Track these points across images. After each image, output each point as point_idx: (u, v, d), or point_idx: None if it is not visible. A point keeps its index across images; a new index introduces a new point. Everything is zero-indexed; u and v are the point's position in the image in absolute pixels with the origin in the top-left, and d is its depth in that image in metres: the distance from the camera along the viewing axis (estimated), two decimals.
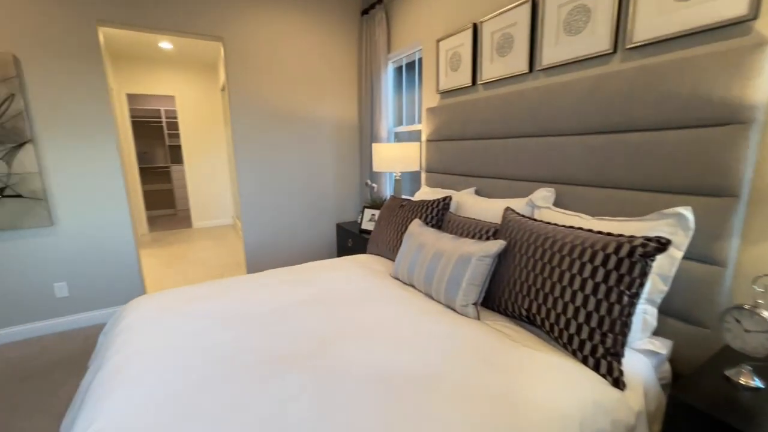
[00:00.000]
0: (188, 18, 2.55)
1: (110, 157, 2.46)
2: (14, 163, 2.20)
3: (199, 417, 0.84)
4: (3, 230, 2.21)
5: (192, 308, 1.43)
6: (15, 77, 2.14)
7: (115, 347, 1.22)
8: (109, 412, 0.88)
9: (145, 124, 6.63)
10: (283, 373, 0.98)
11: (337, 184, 3.35)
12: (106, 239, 2.51)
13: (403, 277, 1.68)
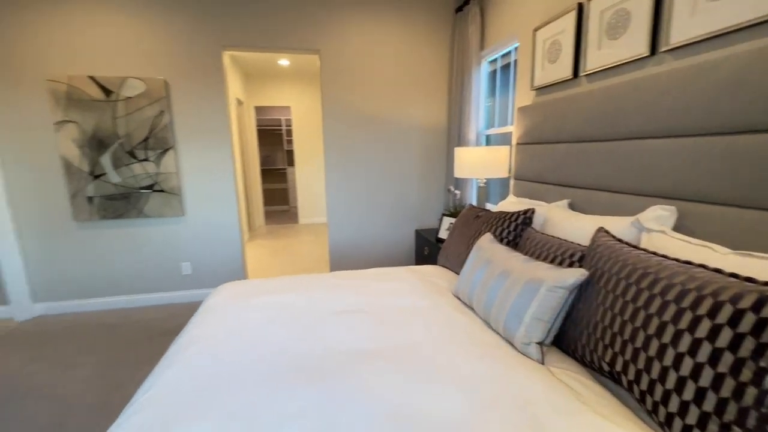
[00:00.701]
0: (290, 36, 2.82)
1: (225, 162, 2.89)
2: (161, 165, 2.78)
3: (215, 396, 0.88)
4: (151, 217, 2.82)
5: (255, 301, 1.55)
6: (165, 98, 2.70)
7: (192, 324, 1.41)
8: (161, 383, 1.00)
9: (269, 132, 7.72)
10: (296, 386, 0.96)
11: (420, 189, 3.27)
12: (219, 230, 2.97)
13: (464, 296, 1.50)
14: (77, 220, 2.70)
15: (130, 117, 2.66)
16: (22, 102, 2.52)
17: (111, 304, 2.88)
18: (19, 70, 2.48)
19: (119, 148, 2.68)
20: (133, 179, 2.74)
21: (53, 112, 2.55)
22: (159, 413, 0.88)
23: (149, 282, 2.92)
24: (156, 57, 2.66)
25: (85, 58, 2.56)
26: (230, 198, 2.95)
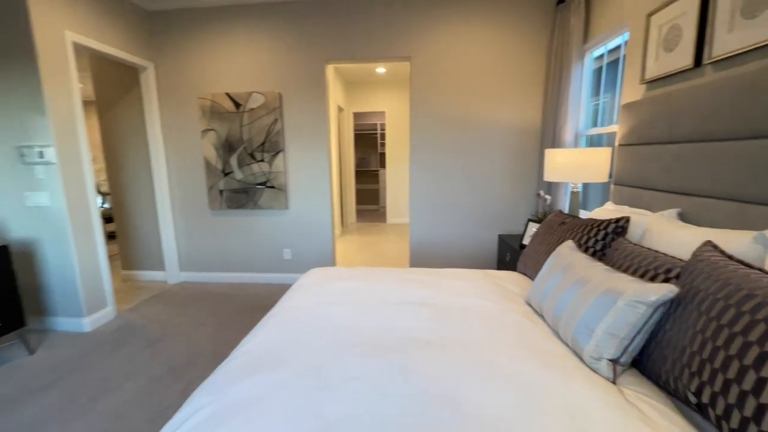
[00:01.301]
0: (383, 47, 3.03)
1: (323, 164, 3.26)
2: (273, 165, 3.28)
3: (291, 354, 1.06)
4: (263, 209, 3.35)
5: (334, 284, 1.75)
6: (278, 108, 3.18)
7: (283, 299, 1.67)
8: (255, 341, 1.25)
9: (365, 136, 8.25)
10: (355, 356, 1.08)
11: (506, 193, 3.14)
12: (314, 223, 3.36)
13: (535, 303, 1.44)
14: (211, 208, 3.38)
15: (252, 125, 3.21)
16: (182, 115, 3.27)
17: (231, 278, 3.52)
18: (182, 91, 3.23)
19: (243, 151, 3.26)
20: (251, 177, 3.30)
21: (200, 122, 3.25)
22: (250, 363, 1.11)
23: (259, 263, 3.48)
24: (273, 74, 3.15)
25: (223, 79, 3.19)
26: (325, 196, 3.31)
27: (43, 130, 2.30)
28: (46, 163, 2.35)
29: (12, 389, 1.89)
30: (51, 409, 1.74)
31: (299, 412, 0.86)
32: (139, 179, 3.41)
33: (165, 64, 3.20)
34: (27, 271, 2.50)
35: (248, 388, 0.97)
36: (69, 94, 2.43)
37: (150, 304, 2.99)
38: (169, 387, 1.89)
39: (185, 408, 0.96)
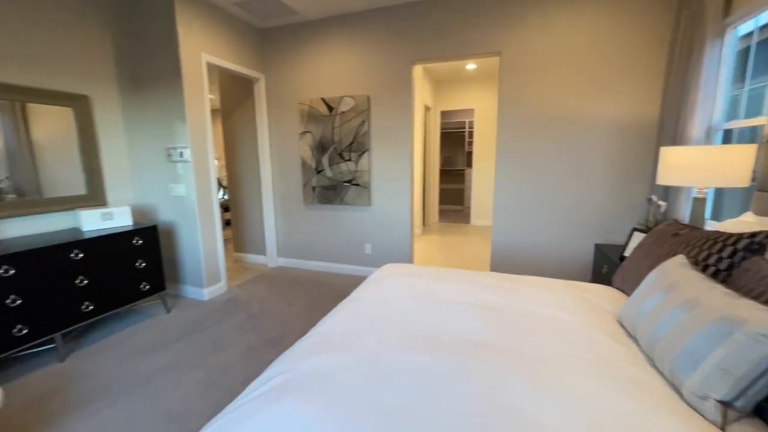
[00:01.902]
0: (472, 43, 2.94)
1: (404, 164, 3.33)
2: (359, 164, 3.48)
3: (354, 340, 1.14)
4: (348, 205, 3.59)
5: (405, 280, 1.79)
6: (366, 110, 3.36)
7: (356, 290, 1.78)
8: (328, 324, 1.37)
9: (452, 134, 8.12)
10: (412, 349, 1.10)
11: (607, 197, 2.77)
12: (394, 221, 3.46)
13: (628, 323, 1.25)
14: (305, 203, 3.75)
15: (342, 127, 3.46)
16: (284, 119, 3.71)
17: (319, 266, 3.86)
18: (285, 98, 3.66)
19: (333, 151, 3.54)
20: (340, 175, 3.56)
21: (299, 125, 3.63)
22: (320, 343, 1.22)
23: (343, 255, 3.73)
24: (362, 78, 3.34)
25: (319, 85, 3.50)
26: (405, 194, 3.38)
27: (183, 135, 2.87)
28: (184, 162, 2.92)
29: (152, 339, 2.41)
30: (176, 358, 2.17)
31: (358, 394, 0.93)
32: (249, 176, 3.97)
33: (273, 75, 3.66)
34: (168, 247, 3.15)
35: (316, 364, 1.08)
36: (202, 104, 2.97)
37: (253, 283, 3.48)
38: (262, 356, 2.19)
39: (265, 373, 1.11)
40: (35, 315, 2.03)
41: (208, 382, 1.93)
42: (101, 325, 2.59)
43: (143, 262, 2.62)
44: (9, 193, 2.29)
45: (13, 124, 2.30)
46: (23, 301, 1.97)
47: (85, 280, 2.26)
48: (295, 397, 0.93)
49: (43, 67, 2.41)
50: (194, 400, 1.79)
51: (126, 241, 2.50)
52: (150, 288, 2.68)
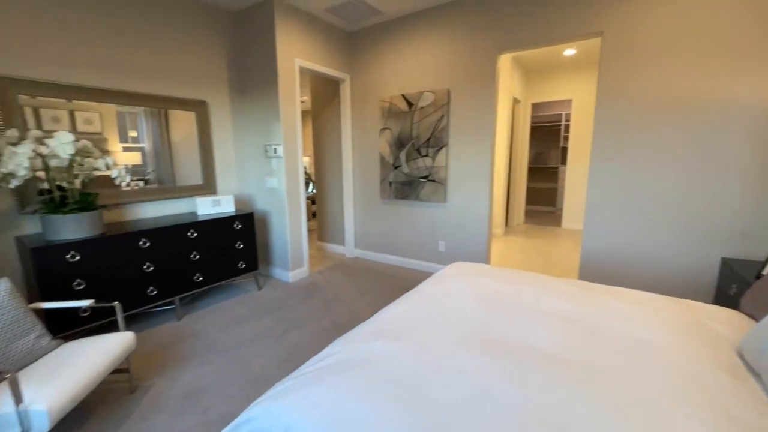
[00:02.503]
0: (567, 25, 2.64)
1: (485, 160, 3.17)
2: (435, 160, 3.43)
3: (409, 330, 1.13)
4: (423, 201, 3.57)
5: (473, 279, 1.71)
6: (446, 104, 3.29)
7: (421, 285, 1.77)
8: (387, 313, 1.39)
9: (545, 128, 7.42)
10: (468, 348, 1.04)
11: (743, 203, 2.21)
12: (470, 219, 3.32)
13: (751, 356, 0.99)
14: (382, 197, 3.85)
15: (420, 122, 3.45)
16: (366, 116, 3.86)
17: (393, 260, 3.93)
18: (368, 96, 3.80)
19: (411, 147, 3.55)
20: (416, 170, 3.56)
21: (379, 122, 3.74)
22: (378, 330, 1.25)
23: (417, 251, 3.74)
24: (443, 71, 3.27)
25: (400, 82, 3.55)
26: (484, 192, 3.22)
27: (277, 133, 3.21)
28: (277, 157, 3.26)
29: (245, 312, 2.76)
30: (262, 331, 2.45)
31: (399, 382, 0.93)
32: (333, 171, 4.25)
33: (357, 74, 3.83)
34: (261, 232, 3.56)
35: (368, 349, 1.11)
36: (294, 106, 3.27)
37: (331, 271, 3.72)
38: (332, 337, 2.33)
39: (323, 351, 1.18)
40: (162, 280, 2.50)
41: (284, 355, 2.14)
42: (207, 295, 3.08)
43: (241, 244, 3.01)
44: (153, 183, 2.88)
45: (159, 127, 2.87)
46: (154, 268, 2.45)
47: (197, 255, 2.71)
48: (342, 377, 0.97)
49: (179, 80, 2.94)
50: (272, 368, 2.01)
51: (229, 225, 2.91)
52: (246, 267, 3.08)
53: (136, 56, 2.68)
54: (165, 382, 1.89)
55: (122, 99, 2.62)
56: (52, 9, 2.24)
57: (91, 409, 1.69)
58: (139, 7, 2.66)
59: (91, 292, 2.14)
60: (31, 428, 1.20)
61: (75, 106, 2.41)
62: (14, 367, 1.39)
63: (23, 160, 1.86)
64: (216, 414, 1.65)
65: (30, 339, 1.49)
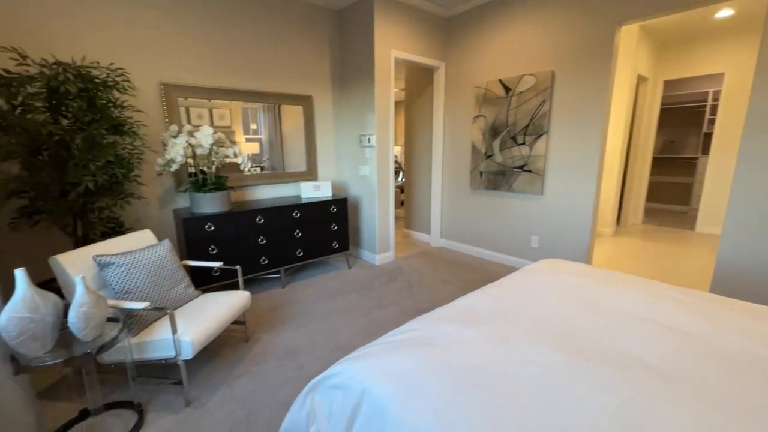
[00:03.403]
0: None
1: (592, 149, 2.81)
2: (533, 149, 3.18)
3: (479, 319, 1.13)
4: (516, 192, 3.36)
5: (564, 278, 1.58)
6: (548, 88, 3.01)
7: (507, 276, 1.72)
8: (467, 300, 1.40)
9: (681, 110, 6.14)
10: (545, 343, 0.98)
11: None
12: (571, 214, 3.01)
13: None
14: (471, 187, 3.75)
15: (518, 108, 3.23)
16: (459, 104, 3.77)
17: (479, 253, 3.83)
18: (462, 83, 3.71)
19: (506, 135, 3.36)
20: (510, 160, 3.36)
21: (473, 109, 3.62)
22: (454, 314, 1.28)
23: (506, 245, 3.56)
24: (547, 52, 2.98)
25: (497, 66, 3.36)
26: (590, 185, 2.87)
27: (371, 123, 3.38)
28: (370, 147, 3.44)
29: (336, 287, 3.05)
30: (349, 305, 2.68)
31: (478, 365, 0.95)
32: (423, 160, 4.29)
33: (452, 61, 3.76)
34: (353, 216, 3.84)
35: (444, 331, 1.15)
36: (387, 96, 3.40)
37: (416, 258, 3.82)
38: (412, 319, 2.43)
39: (402, 327, 1.26)
40: (272, 252, 2.93)
41: (368, 330, 2.32)
42: (305, 269, 3.47)
43: (335, 226, 3.31)
44: (267, 169, 3.35)
45: (273, 120, 3.32)
46: (266, 242, 2.88)
47: (299, 233, 3.08)
48: (418, 351, 1.03)
49: (291, 77, 3.33)
50: (357, 339, 2.20)
51: (326, 208, 3.22)
52: (338, 247, 3.37)
53: (259, 59, 3.11)
54: (270, 337, 2.24)
55: (247, 97, 3.09)
56: (194, 30, 2.76)
57: (218, 349, 2.11)
58: (260, 18, 3.07)
59: (220, 257, 2.64)
60: (181, 353, 1.58)
61: (213, 104, 2.95)
62: (172, 307, 1.83)
63: (180, 150, 2.37)
64: (309, 370, 1.90)
65: (181, 287, 1.93)
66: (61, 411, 1.63)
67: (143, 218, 2.69)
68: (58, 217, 1.98)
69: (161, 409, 1.64)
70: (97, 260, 1.68)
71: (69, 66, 1.88)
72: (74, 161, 1.87)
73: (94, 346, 1.33)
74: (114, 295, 1.68)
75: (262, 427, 1.52)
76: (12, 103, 1.79)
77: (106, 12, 2.37)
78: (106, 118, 2.03)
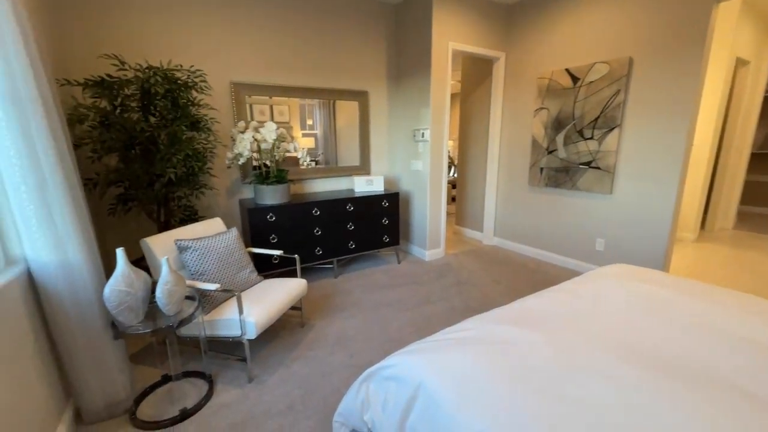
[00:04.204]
0: None
1: (677, 142, 2.51)
2: (602, 144, 2.92)
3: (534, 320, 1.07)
4: (581, 190, 3.12)
5: (636, 286, 1.44)
6: (624, 76, 2.73)
7: (570, 281, 1.61)
8: (525, 303, 1.34)
9: None
10: (615, 358, 0.90)
11: None
12: (645, 215, 2.73)
13: None
14: (530, 184, 3.56)
15: (587, 100, 2.98)
16: (519, 97, 3.58)
17: (536, 253, 3.63)
18: (524, 74, 3.51)
19: (572, 128, 3.13)
20: (575, 155, 3.13)
21: (535, 102, 3.41)
22: (512, 316, 1.23)
23: (566, 247, 3.34)
24: (624, 36, 2.71)
25: (565, 55, 3.12)
26: (671, 185, 2.57)
27: (425, 118, 3.34)
28: (424, 141, 3.41)
29: (385, 280, 3.08)
30: (398, 298, 2.70)
31: (540, 370, 0.91)
32: (477, 155, 4.15)
33: (514, 51, 3.57)
34: (404, 211, 3.84)
35: (503, 331, 1.12)
36: (443, 90, 3.33)
37: (466, 255, 3.73)
38: (462, 317, 2.35)
39: (458, 325, 1.25)
40: (326, 243, 3.04)
41: (417, 324, 2.32)
42: (356, 261, 3.56)
43: (387, 220, 3.34)
44: (321, 163, 3.48)
45: (328, 116, 3.43)
46: (321, 233, 3.00)
47: (352, 226, 3.16)
48: (476, 351, 1.02)
49: (349, 73, 3.40)
50: (406, 333, 2.22)
51: (378, 203, 3.26)
52: (389, 241, 3.41)
53: (319, 57, 3.22)
54: (323, 324, 2.34)
55: (306, 93, 3.22)
56: (263, 30, 2.92)
57: (276, 332, 2.26)
58: (323, 17, 3.17)
59: (280, 245, 2.80)
60: (246, 333, 1.71)
61: (273, 101, 3.11)
62: (238, 290, 1.99)
63: (247, 144, 2.55)
64: (359, 360, 1.95)
65: (246, 272, 2.09)
66: (146, 374, 1.86)
67: (213, 207, 2.95)
68: (146, 204, 2.24)
69: (227, 382, 1.79)
70: (177, 244, 1.87)
71: (158, 69, 2.10)
72: (160, 155, 2.09)
73: (176, 320, 1.49)
74: (190, 276, 1.87)
75: (317, 408, 1.60)
76: (113, 103, 2.05)
77: (187, 17, 2.61)
78: (186, 116, 2.24)
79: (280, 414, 1.58)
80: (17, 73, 1.18)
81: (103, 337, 1.45)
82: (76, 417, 1.52)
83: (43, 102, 1.26)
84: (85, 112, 1.93)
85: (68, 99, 2.14)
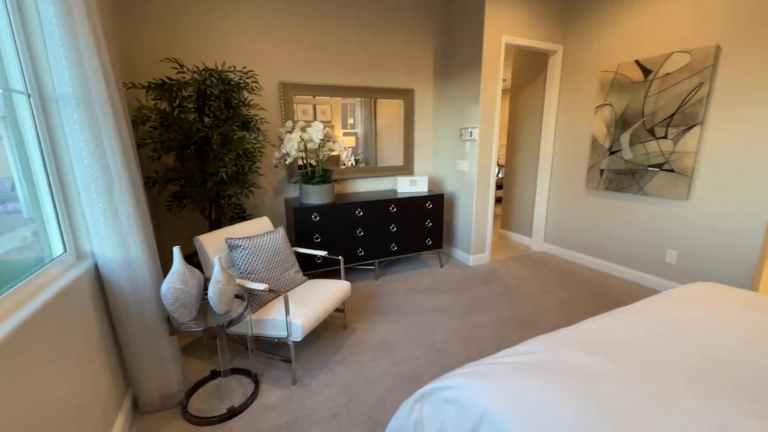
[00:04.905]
0: None
1: None
2: (678, 144, 2.61)
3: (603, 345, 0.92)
4: (649, 195, 2.81)
5: (732, 310, 1.23)
6: (709, 67, 2.40)
7: (644, 300, 1.42)
8: (597, 325, 1.19)
9: None
10: (695, 392, 0.74)
11: None
12: (731, 224, 2.39)
13: None
14: (588, 187, 3.28)
15: (660, 95, 2.67)
16: (578, 92, 3.30)
17: (592, 263, 3.34)
18: (584, 67, 3.23)
19: (640, 126, 2.82)
20: (644, 157, 2.82)
21: (597, 98, 3.13)
22: (581, 339, 1.09)
23: (628, 256, 3.03)
24: (709, 21, 2.38)
25: (634, 45, 2.82)
26: (765, 191, 2.23)
27: (474, 116, 3.18)
28: (472, 140, 3.25)
29: (428, 284, 2.98)
30: (442, 304, 2.59)
31: (621, 406, 0.77)
32: (527, 155, 3.91)
33: (572, 44, 3.29)
34: (447, 213, 3.70)
35: (573, 358, 0.99)
36: (495, 86, 3.15)
37: (514, 261, 3.52)
38: (513, 331, 2.22)
39: (520, 346, 1.13)
40: (368, 244, 3.00)
41: (463, 334, 2.20)
42: (398, 263, 3.48)
43: (430, 222, 3.23)
44: (362, 163, 3.44)
45: (369, 115, 3.38)
46: (363, 234, 2.96)
47: (395, 227, 3.09)
48: (541, 377, 0.91)
49: (394, 71, 3.33)
50: (452, 343, 2.10)
51: (422, 204, 3.16)
52: (432, 244, 3.30)
53: (365, 56, 3.18)
54: (365, 328, 2.29)
55: (350, 92, 3.19)
56: (310, 30, 2.93)
57: (319, 333, 2.24)
58: (369, 15, 3.11)
59: (323, 245, 2.80)
60: (291, 334, 1.70)
61: (317, 101, 3.11)
62: (284, 289, 1.99)
63: (294, 144, 2.56)
64: (404, 368, 1.88)
65: (292, 272, 2.09)
66: (195, 367, 1.91)
67: (260, 205, 3.01)
68: (199, 202, 2.31)
69: (272, 382, 1.79)
70: (228, 242, 1.91)
71: (213, 71, 2.16)
72: (213, 154, 2.15)
73: (226, 319, 1.50)
74: (239, 275, 1.89)
75: (361, 418, 1.55)
76: (172, 105, 2.13)
77: (241, 19, 2.67)
78: (238, 116, 2.28)
79: (323, 420, 1.54)
80: (90, 78, 1.23)
81: (159, 331, 1.50)
82: (134, 406, 1.59)
83: (111, 105, 1.30)
84: (148, 114, 2.02)
85: (133, 101, 2.26)
